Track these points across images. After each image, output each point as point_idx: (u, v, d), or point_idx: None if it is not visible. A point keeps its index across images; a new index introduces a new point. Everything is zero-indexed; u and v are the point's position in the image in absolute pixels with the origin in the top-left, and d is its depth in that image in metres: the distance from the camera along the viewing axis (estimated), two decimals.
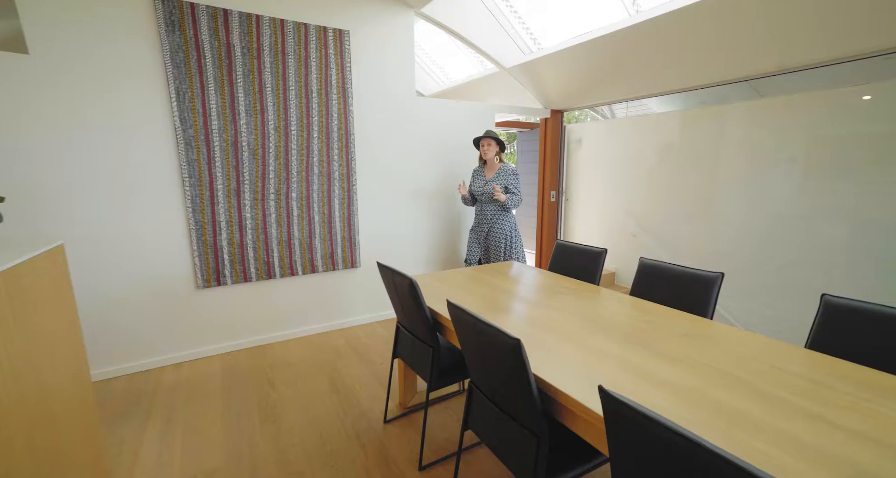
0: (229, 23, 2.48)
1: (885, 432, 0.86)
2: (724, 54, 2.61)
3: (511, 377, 1.10)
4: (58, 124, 2.16)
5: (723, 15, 2.34)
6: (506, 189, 2.92)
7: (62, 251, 1.44)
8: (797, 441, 0.84)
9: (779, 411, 0.94)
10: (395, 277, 1.67)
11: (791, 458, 0.79)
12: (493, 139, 2.96)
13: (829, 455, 0.79)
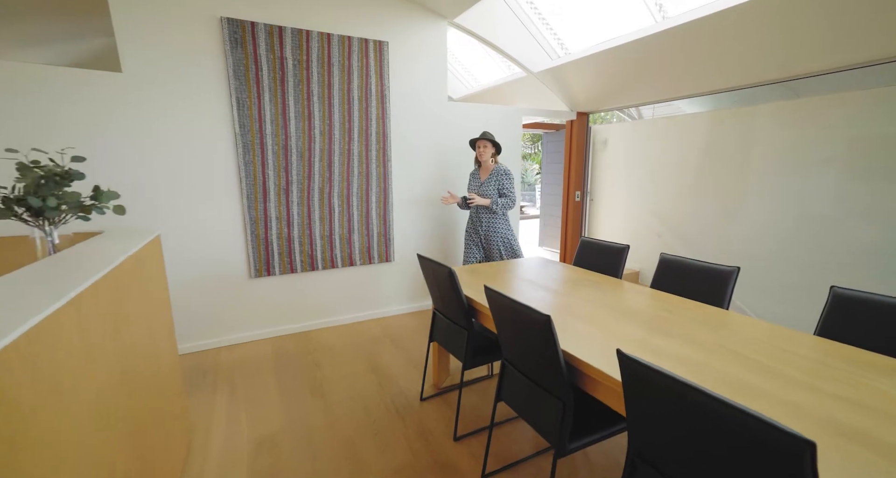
0: (283, 38, 2.75)
1: (871, 399, 0.99)
2: (756, 57, 2.64)
3: (541, 350, 1.28)
4: (142, 131, 2.47)
5: (754, 20, 2.39)
6: (499, 191, 2.88)
7: (159, 240, 1.72)
8: (793, 405, 0.98)
9: (779, 382, 1.08)
10: (435, 267, 1.87)
11: (787, 416, 0.93)
12: (489, 141, 2.91)
13: (820, 415, 0.94)
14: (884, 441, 0.83)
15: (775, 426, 0.66)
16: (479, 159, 2.99)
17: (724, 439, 0.77)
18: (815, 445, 0.63)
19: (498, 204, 2.85)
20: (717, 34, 2.63)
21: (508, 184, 2.88)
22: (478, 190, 2.95)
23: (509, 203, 2.88)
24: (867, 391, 1.03)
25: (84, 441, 0.87)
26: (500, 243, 2.96)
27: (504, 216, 2.97)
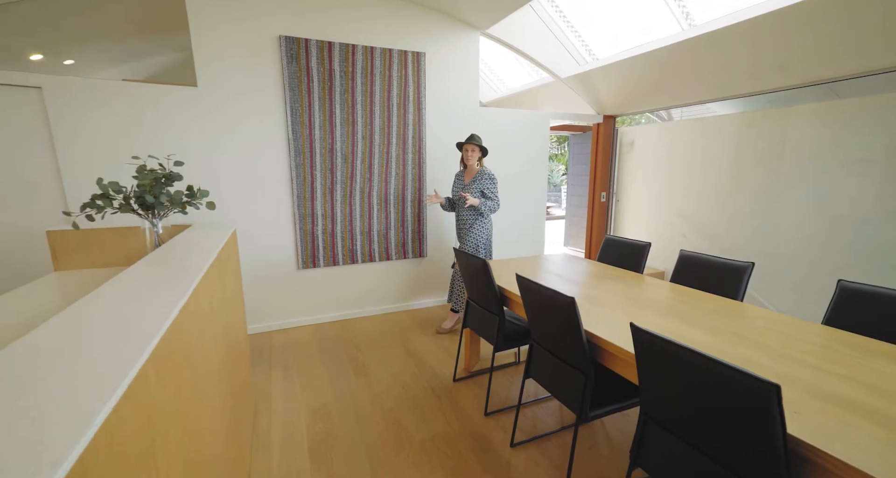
0: (332, 52, 3.04)
1: (867, 376, 1.13)
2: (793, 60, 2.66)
3: (566, 329, 1.47)
4: (213, 137, 2.82)
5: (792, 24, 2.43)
6: (482, 194, 2.91)
7: (235, 234, 2.02)
8: (794, 379, 1.13)
9: (783, 361, 1.24)
10: (470, 259, 2.10)
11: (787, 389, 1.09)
12: (476, 145, 2.93)
13: (817, 387, 1.08)
14: (878, 411, 0.97)
15: (748, 373, 0.84)
16: (465, 162, 3.02)
17: (713, 390, 0.95)
18: (780, 387, 0.81)
19: (486, 205, 2.89)
20: (751, 39, 2.68)
21: (493, 187, 2.92)
22: (462, 191, 2.97)
23: (494, 206, 2.93)
24: (866, 371, 1.16)
25: (212, 386, 1.15)
26: (478, 244, 2.96)
27: (487, 219, 3.00)
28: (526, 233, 4.14)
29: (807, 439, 0.87)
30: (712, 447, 1.01)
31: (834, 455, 0.82)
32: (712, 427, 1.00)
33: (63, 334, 0.70)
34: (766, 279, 3.26)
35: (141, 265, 1.22)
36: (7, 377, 0.54)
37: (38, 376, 0.55)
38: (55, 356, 0.61)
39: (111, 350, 0.63)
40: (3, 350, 0.61)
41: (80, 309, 0.82)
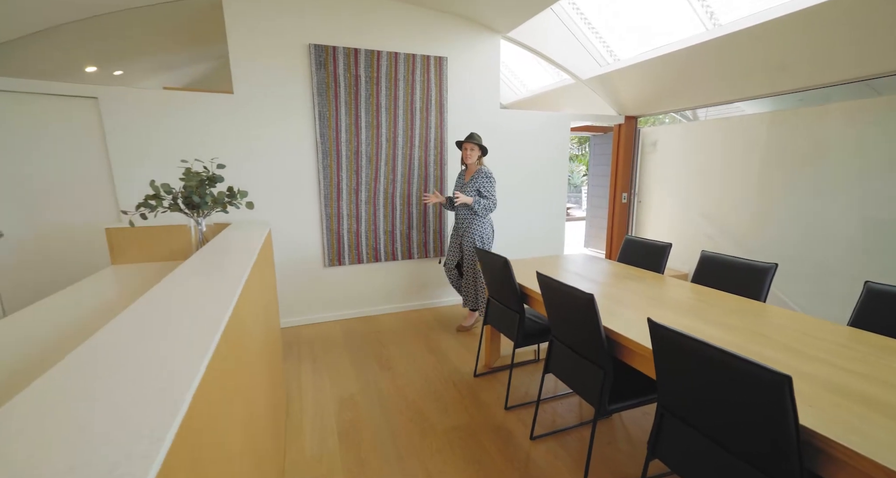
0: (358, 59, 3.16)
1: (887, 375, 1.15)
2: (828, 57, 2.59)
3: (585, 325, 1.53)
4: (247, 141, 2.98)
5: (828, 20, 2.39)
6: (478, 193, 2.92)
7: (270, 232, 2.15)
8: (811, 375, 1.16)
9: (800, 358, 1.26)
10: (492, 257, 2.17)
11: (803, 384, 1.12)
12: (475, 144, 2.94)
13: (835, 385, 1.11)
14: (893, 405, 1.00)
15: (761, 365, 0.89)
16: (465, 161, 3.03)
17: (727, 382, 0.99)
18: (791, 378, 0.86)
19: (479, 204, 2.89)
20: (780, 37, 2.63)
21: (489, 186, 2.91)
22: (461, 191, 3.00)
23: (489, 205, 2.91)
24: (887, 370, 1.17)
25: (258, 370, 1.26)
26: (475, 244, 2.97)
27: (484, 218, 2.99)
28: (545, 234, 4.17)
29: (821, 430, 0.90)
30: (727, 438, 1.06)
31: (847, 446, 0.86)
32: (727, 418, 1.04)
33: (152, 315, 0.81)
34: (794, 282, 3.20)
35: (196, 260, 1.35)
36: (117, 351, 0.65)
37: (145, 348, 0.66)
38: (154, 331, 0.72)
39: (195, 328, 0.74)
40: (106, 331, 0.72)
41: (157, 295, 0.94)
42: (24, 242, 2.61)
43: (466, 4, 3.21)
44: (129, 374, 0.56)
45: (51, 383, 0.53)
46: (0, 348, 1.08)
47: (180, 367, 0.58)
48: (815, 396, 1.05)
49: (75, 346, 0.64)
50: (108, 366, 0.59)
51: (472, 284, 3.09)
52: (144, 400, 0.50)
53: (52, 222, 2.64)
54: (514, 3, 3.08)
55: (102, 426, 0.45)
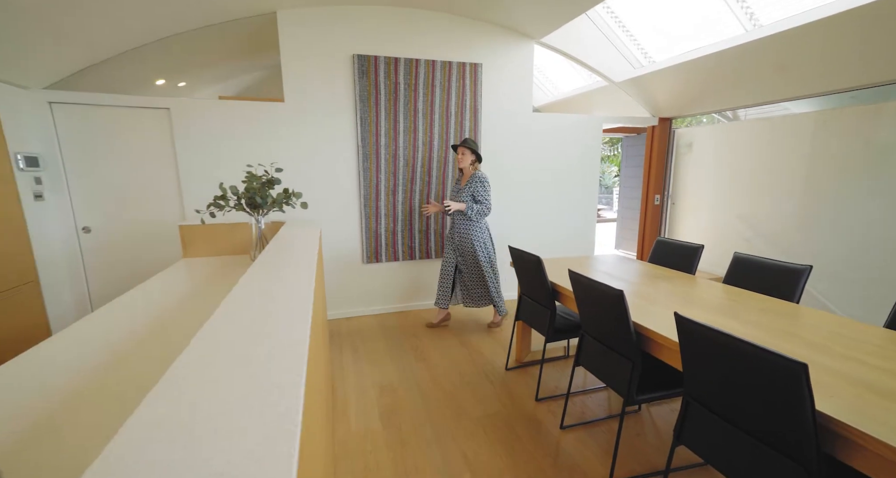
0: (398, 67, 3.35)
1: None
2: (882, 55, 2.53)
3: (615, 319, 1.62)
4: (296, 145, 3.23)
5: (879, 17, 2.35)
6: (472, 198, 2.99)
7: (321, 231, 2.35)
8: (833, 370, 1.21)
9: (826, 354, 1.31)
10: (525, 255, 2.28)
11: (825, 376, 1.19)
12: (468, 149, 3.00)
13: (858, 378, 1.16)
14: None
15: (779, 354, 0.97)
16: (458, 166, 3.10)
17: (748, 371, 1.08)
18: (807, 365, 0.94)
19: (473, 209, 2.94)
20: (824, 37, 2.59)
21: (482, 190, 2.96)
22: (456, 196, 3.08)
23: (483, 209, 2.97)
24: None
25: (320, 356, 1.44)
26: (476, 249, 3.04)
27: (479, 222, 3.04)
28: (576, 235, 4.22)
29: (839, 417, 0.98)
30: (749, 424, 1.14)
31: (862, 430, 0.93)
32: (748, 405, 1.13)
33: (253, 305, 1.00)
34: (840, 288, 3.11)
35: (270, 258, 1.55)
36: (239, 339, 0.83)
37: (259, 332, 0.83)
38: (259, 322, 0.90)
39: (293, 319, 0.91)
40: (220, 321, 0.90)
41: (249, 289, 1.13)
42: (106, 236, 2.95)
43: (502, 12, 3.33)
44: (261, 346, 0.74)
45: (190, 368, 0.71)
46: (128, 322, 1.31)
47: (291, 351, 0.75)
48: (837, 387, 1.11)
49: (187, 324, 0.83)
50: (242, 343, 0.77)
51: (479, 283, 3.16)
52: (275, 375, 0.67)
53: (128, 219, 2.98)
54: (549, 10, 3.17)
55: (256, 387, 0.61)
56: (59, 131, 2.74)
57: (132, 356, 1.11)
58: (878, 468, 0.93)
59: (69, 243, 2.86)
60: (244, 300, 0.98)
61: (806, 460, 1.01)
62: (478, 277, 3.17)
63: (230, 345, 0.72)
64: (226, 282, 1.85)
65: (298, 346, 0.71)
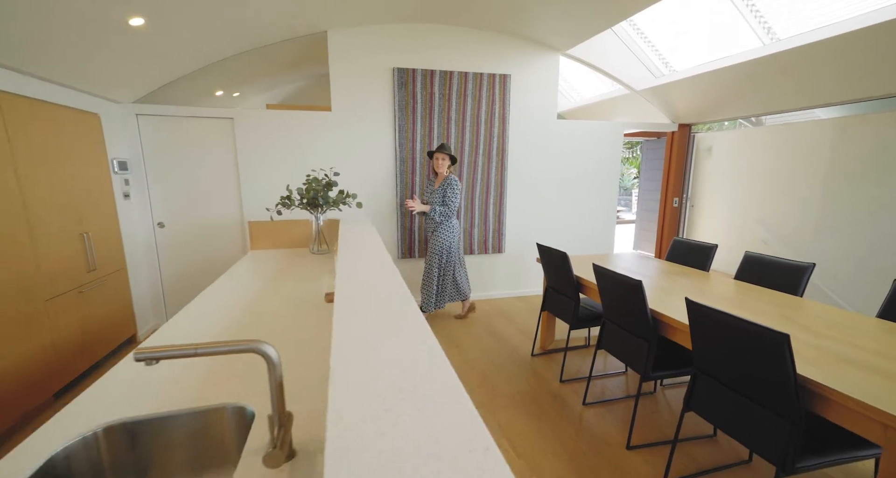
0: (433, 79, 3.65)
1: (888, 350, 1.42)
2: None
3: (634, 306, 1.88)
4: (343, 149, 3.57)
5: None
6: (443, 198, 3.16)
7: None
8: (821, 347, 1.45)
9: (818, 337, 1.54)
10: (552, 251, 2.55)
11: (811, 351, 1.42)
12: (446, 154, 3.18)
13: (839, 353, 1.40)
14: (880, 369, 1.28)
15: (769, 328, 1.22)
16: (435, 169, 3.26)
17: (744, 343, 1.33)
18: (789, 335, 1.18)
19: (436, 212, 3.11)
20: (845, 51, 2.74)
21: (451, 193, 3.14)
22: (429, 197, 3.25)
23: (446, 211, 3.14)
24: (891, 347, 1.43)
25: None
26: (439, 251, 3.21)
27: (445, 224, 3.18)
28: (596, 235, 4.45)
29: (816, 379, 1.22)
30: (745, 388, 1.39)
31: (833, 387, 1.17)
32: (745, 372, 1.38)
33: (365, 292, 1.30)
34: (852, 289, 3.26)
35: (350, 254, 1.86)
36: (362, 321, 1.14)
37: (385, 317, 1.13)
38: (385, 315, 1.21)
39: (403, 305, 1.22)
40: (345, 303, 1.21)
41: (358, 282, 1.44)
42: (176, 231, 3.35)
43: (530, 27, 3.59)
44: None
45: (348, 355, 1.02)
46: (236, 297, 1.64)
47: (422, 336, 1.05)
48: (819, 360, 1.35)
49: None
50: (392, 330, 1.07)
51: (429, 284, 3.36)
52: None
53: (195, 216, 3.36)
54: (576, 25, 3.42)
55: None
56: (143, 139, 3.14)
57: (254, 320, 1.43)
58: (845, 418, 1.18)
59: (147, 237, 3.26)
60: (355, 285, 1.29)
61: (790, 414, 1.26)
62: (431, 276, 3.36)
63: (366, 318, 1.03)
64: (296, 269, 2.18)
65: (415, 316, 1.01)
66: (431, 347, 0.75)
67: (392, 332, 0.82)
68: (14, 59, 2.02)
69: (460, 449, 0.49)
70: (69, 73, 2.37)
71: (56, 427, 0.83)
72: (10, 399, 1.95)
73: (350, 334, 0.80)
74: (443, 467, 0.46)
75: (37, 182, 2.18)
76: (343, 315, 0.90)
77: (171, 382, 1.02)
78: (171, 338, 1.30)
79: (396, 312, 0.93)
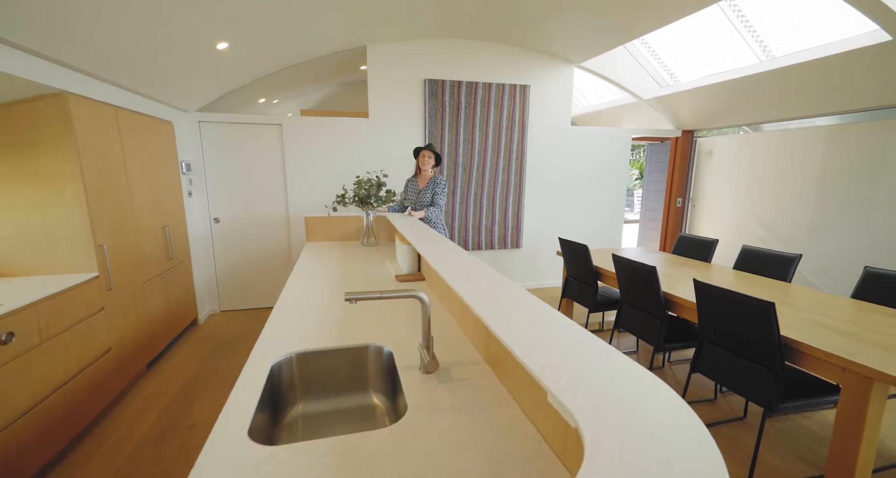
0: (460, 89, 4.02)
1: (858, 320, 1.78)
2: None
3: (648, 289, 2.24)
4: (379, 153, 3.93)
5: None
6: (432, 199, 3.17)
7: None
8: (803, 318, 1.81)
9: (800, 311, 1.90)
10: (573, 244, 2.91)
11: (793, 321, 1.79)
12: (433, 152, 3.19)
13: (817, 322, 1.76)
14: (843, 330, 1.65)
15: (756, 298, 1.58)
16: (420, 168, 3.25)
17: (740, 313, 1.69)
18: (774, 303, 1.55)
19: (432, 213, 3.13)
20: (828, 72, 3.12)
21: (440, 191, 3.16)
22: (416, 196, 3.25)
23: (437, 212, 3.15)
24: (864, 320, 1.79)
25: None
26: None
27: (440, 224, 3.20)
28: (604, 232, 4.81)
29: (796, 337, 1.58)
30: (740, 349, 1.75)
31: (808, 343, 1.54)
32: (739, 336, 1.74)
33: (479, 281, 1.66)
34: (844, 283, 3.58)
35: (438, 246, 2.21)
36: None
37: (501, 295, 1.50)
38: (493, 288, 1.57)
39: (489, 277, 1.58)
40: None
41: (460, 264, 1.79)
42: (229, 225, 3.70)
43: (549, 42, 3.96)
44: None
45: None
46: (321, 278, 2.00)
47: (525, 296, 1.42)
48: (799, 326, 1.72)
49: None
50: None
51: None
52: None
53: (246, 212, 3.72)
54: (592, 41, 3.78)
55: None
56: (203, 143, 3.50)
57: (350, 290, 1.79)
58: (815, 366, 1.54)
59: (205, 231, 3.62)
60: (462, 271, 1.65)
61: (774, 367, 1.62)
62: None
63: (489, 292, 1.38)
64: (356, 257, 2.54)
65: (494, 274, 1.37)
66: (519, 291, 1.12)
67: (489, 284, 1.18)
68: (131, 81, 2.39)
69: (572, 341, 0.86)
70: (165, 90, 2.73)
71: (264, 353, 1.19)
72: (118, 369, 2.30)
73: (468, 288, 1.16)
74: (566, 351, 0.82)
75: (137, 181, 2.54)
76: (455, 279, 1.26)
77: (324, 329, 1.38)
78: (293, 300, 1.66)
79: (483, 272, 1.30)
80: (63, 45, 1.81)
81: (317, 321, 1.46)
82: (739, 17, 3.48)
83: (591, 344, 0.88)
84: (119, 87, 2.40)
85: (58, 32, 1.72)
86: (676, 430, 0.61)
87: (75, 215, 2.01)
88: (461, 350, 1.25)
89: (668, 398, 0.70)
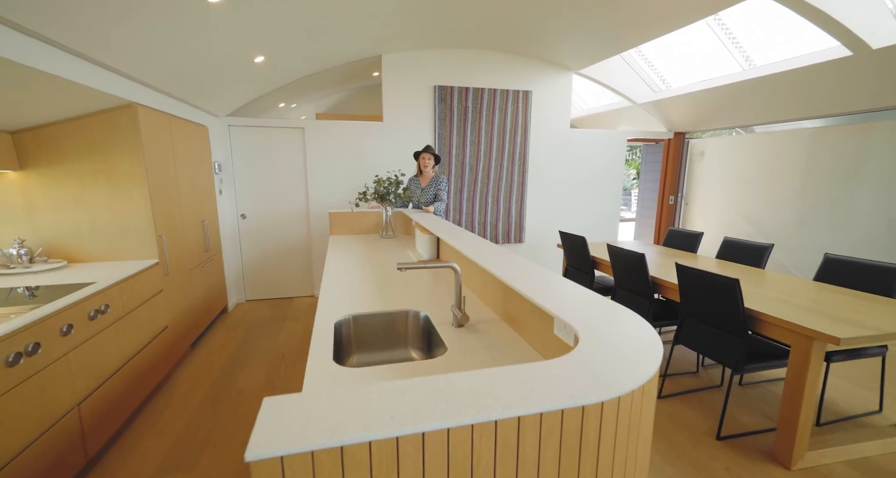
0: (468, 94, 4.33)
1: (817, 297, 2.10)
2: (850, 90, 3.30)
3: (638, 274, 2.56)
4: (392, 155, 4.24)
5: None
6: (436, 196, 3.43)
7: None
8: (768, 297, 2.12)
9: (768, 291, 2.22)
10: (573, 236, 3.23)
11: (758, 298, 2.10)
12: (432, 154, 3.47)
13: (780, 299, 2.08)
14: (803, 305, 1.97)
15: (724, 276, 1.90)
16: (421, 169, 3.54)
17: (713, 291, 2.00)
18: (739, 280, 1.86)
19: (438, 209, 3.40)
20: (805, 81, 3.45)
21: (443, 189, 3.43)
22: (420, 194, 3.51)
23: (442, 207, 3.45)
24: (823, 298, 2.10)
25: None
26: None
27: (441, 216, 3.40)
28: (602, 228, 5.13)
29: (758, 309, 1.90)
30: (712, 321, 2.07)
31: (767, 312, 1.85)
32: (712, 309, 2.05)
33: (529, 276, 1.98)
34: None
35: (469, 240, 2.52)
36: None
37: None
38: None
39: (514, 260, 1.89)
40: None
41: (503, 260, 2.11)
42: (255, 221, 4.01)
43: (550, 51, 4.27)
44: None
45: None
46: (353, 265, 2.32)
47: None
48: (763, 300, 2.03)
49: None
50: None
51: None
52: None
53: (270, 209, 4.03)
54: (591, 50, 4.10)
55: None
56: (232, 145, 3.81)
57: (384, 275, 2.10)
58: (772, 331, 1.86)
59: (233, 226, 3.93)
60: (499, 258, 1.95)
61: (740, 334, 1.94)
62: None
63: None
64: (379, 248, 2.84)
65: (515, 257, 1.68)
66: (526, 263, 1.43)
67: (503, 259, 1.49)
68: (182, 92, 2.70)
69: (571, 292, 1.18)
70: (206, 98, 3.04)
71: (325, 315, 1.51)
72: (171, 345, 2.60)
73: (487, 260, 1.48)
74: (567, 298, 1.14)
75: (182, 180, 2.85)
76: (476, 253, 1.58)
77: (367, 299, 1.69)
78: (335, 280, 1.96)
79: (495, 250, 1.61)
80: (137, 63, 2.12)
81: (359, 294, 1.77)
82: (724, 30, 3.81)
83: (583, 293, 1.20)
84: (171, 96, 2.71)
85: (136, 53, 2.03)
86: (637, 328, 0.92)
87: (141, 210, 2.32)
88: (482, 312, 1.57)
89: (630, 315, 1.01)
